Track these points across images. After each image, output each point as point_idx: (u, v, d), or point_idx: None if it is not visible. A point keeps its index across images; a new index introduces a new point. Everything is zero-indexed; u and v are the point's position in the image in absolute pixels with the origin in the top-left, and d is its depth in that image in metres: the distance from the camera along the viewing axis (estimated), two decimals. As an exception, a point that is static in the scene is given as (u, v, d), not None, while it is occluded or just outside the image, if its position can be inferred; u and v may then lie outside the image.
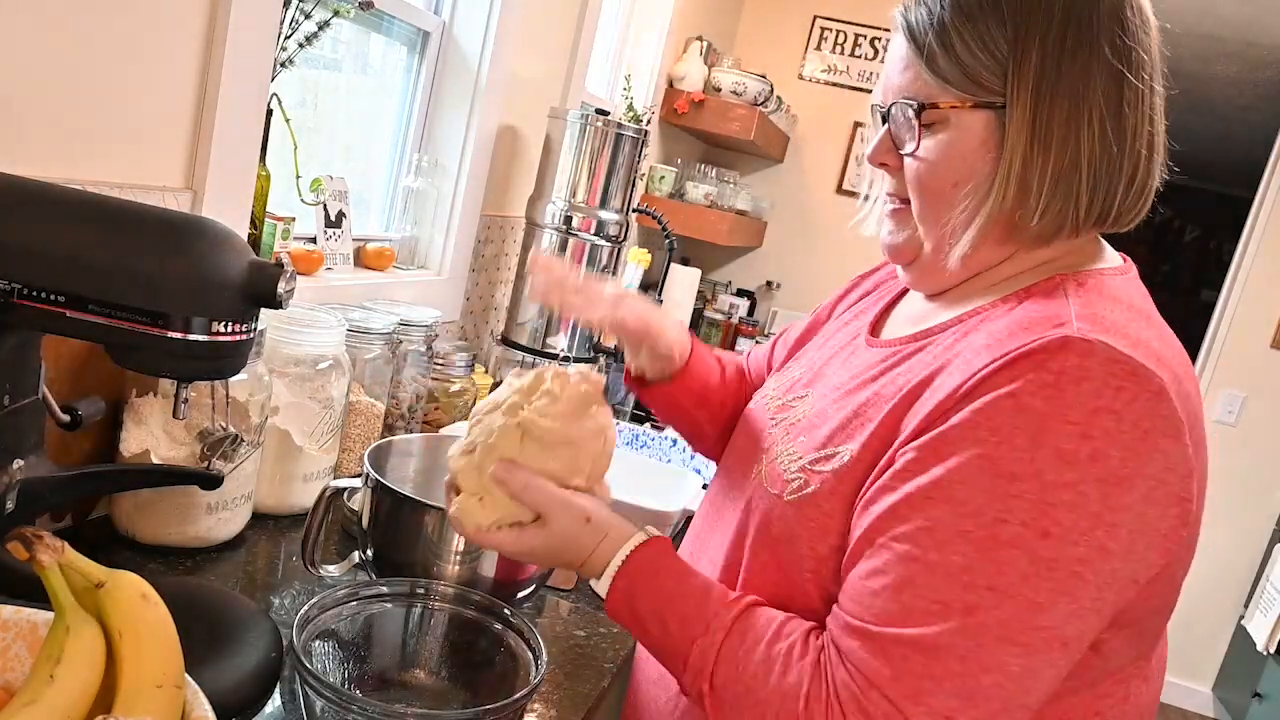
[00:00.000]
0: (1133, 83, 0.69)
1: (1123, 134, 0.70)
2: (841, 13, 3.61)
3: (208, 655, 0.76)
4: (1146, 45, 0.71)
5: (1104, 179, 0.70)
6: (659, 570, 0.74)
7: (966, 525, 0.62)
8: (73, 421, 0.88)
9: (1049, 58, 0.68)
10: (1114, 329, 0.64)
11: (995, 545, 0.61)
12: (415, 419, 1.52)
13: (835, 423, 0.76)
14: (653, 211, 2.18)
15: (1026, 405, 0.61)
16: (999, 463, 0.61)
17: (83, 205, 0.75)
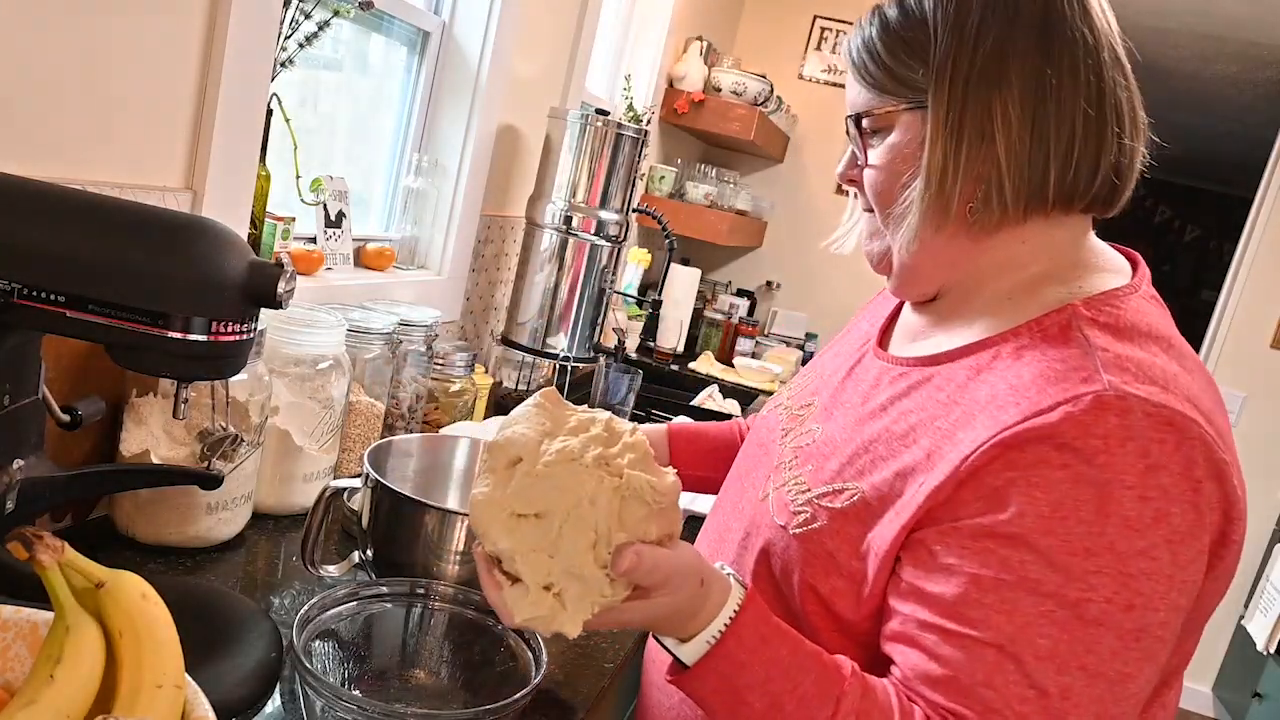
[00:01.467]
0: (1054, 74, 0.70)
1: (1045, 122, 0.70)
2: (841, 13, 3.61)
3: (208, 655, 0.76)
4: (1083, 34, 0.72)
5: (1030, 166, 0.70)
6: (771, 641, 0.67)
7: (1048, 607, 0.60)
8: (73, 421, 0.88)
9: (964, 54, 0.70)
10: (1143, 375, 0.63)
11: (1082, 625, 0.60)
12: (415, 419, 1.52)
13: (844, 456, 0.75)
14: (653, 211, 2.18)
15: (1080, 475, 0.60)
16: (1070, 540, 0.60)
17: (83, 205, 0.75)
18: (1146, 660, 0.61)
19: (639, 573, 0.65)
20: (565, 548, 0.62)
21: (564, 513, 0.62)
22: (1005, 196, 0.71)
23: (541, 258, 1.90)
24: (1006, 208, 0.71)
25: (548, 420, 0.66)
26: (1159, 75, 4.19)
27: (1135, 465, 0.60)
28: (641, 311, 2.96)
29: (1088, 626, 0.60)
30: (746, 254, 3.84)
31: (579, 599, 0.63)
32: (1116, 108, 0.72)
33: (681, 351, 2.98)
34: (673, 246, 2.20)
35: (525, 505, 0.62)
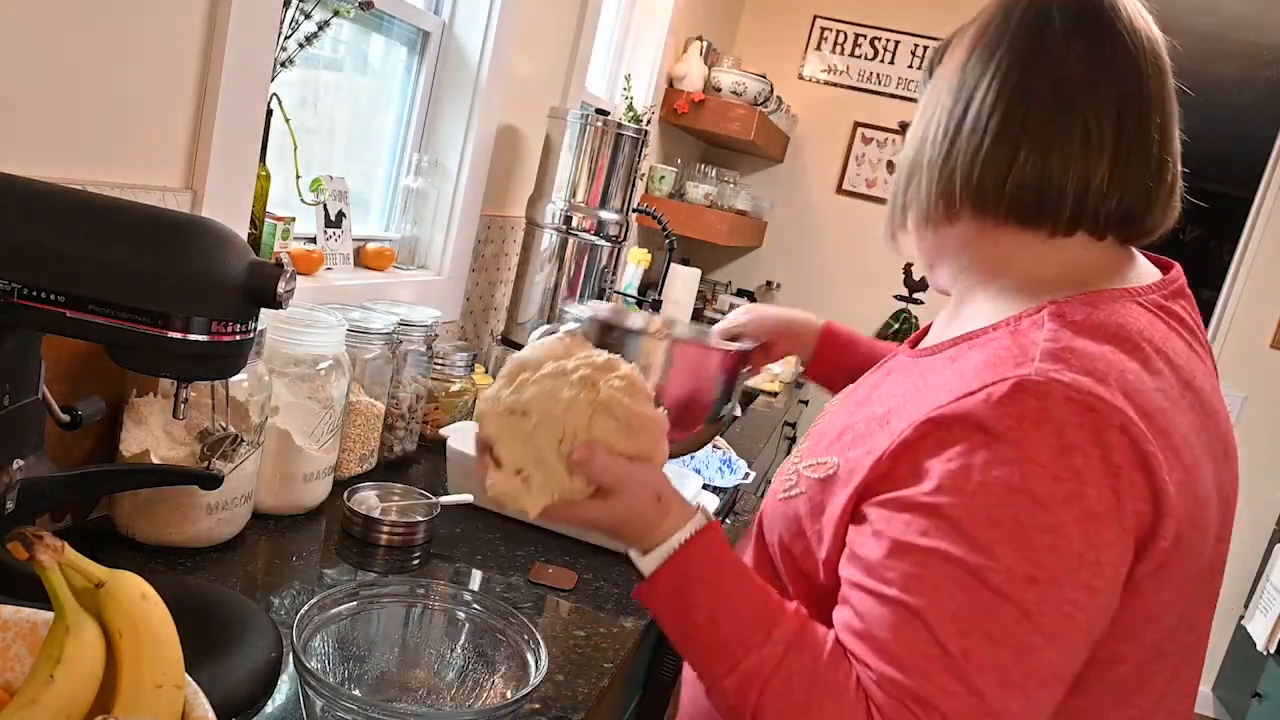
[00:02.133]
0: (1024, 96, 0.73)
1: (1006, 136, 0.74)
2: (841, 13, 3.61)
3: (208, 655, 0.76)
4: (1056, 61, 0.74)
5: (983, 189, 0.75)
6: (721, 563, 0.73)
7: (955, 572, 0.63)
8: (73, 421, 0.88)
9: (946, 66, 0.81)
10: (1079, 365, 0.65)
11: (985, 592, 0.62)
12: (415, 419, 1.52)
13: (834, 434, 0.79)
14: (653, 211, 2.18)
15: (998, 454, 0.63)
16: (978, 512, 0.63)
17: (83, 205, 0.75)
18: (1054, 636, 0.62)
19: (591, 467, 0.72)
20: (537, 440, 0.73)
21: (541, 412, 0.73)
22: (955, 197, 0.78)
23: (541, 258, 1.90)
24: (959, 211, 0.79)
25: (562, 350, 0.77)
26: (1159, 75, 4.19)
27: (1049, 445, 0.62)
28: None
29: (990, 594, 0.62)
30: (746, 254, 3.84)
31: (542, 485, 0.73)
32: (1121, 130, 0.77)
33: (681, 351, 2.98)
34: (673, 246, 2.20)
35: (514, 404, 0.74)
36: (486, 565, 1.21)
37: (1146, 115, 0.76)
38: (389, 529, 1.19)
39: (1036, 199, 0.73)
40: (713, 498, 1.45)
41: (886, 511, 0.67)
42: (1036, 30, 0.74)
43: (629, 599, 1.19)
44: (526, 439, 0.73)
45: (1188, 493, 0.66)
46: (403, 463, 1.51)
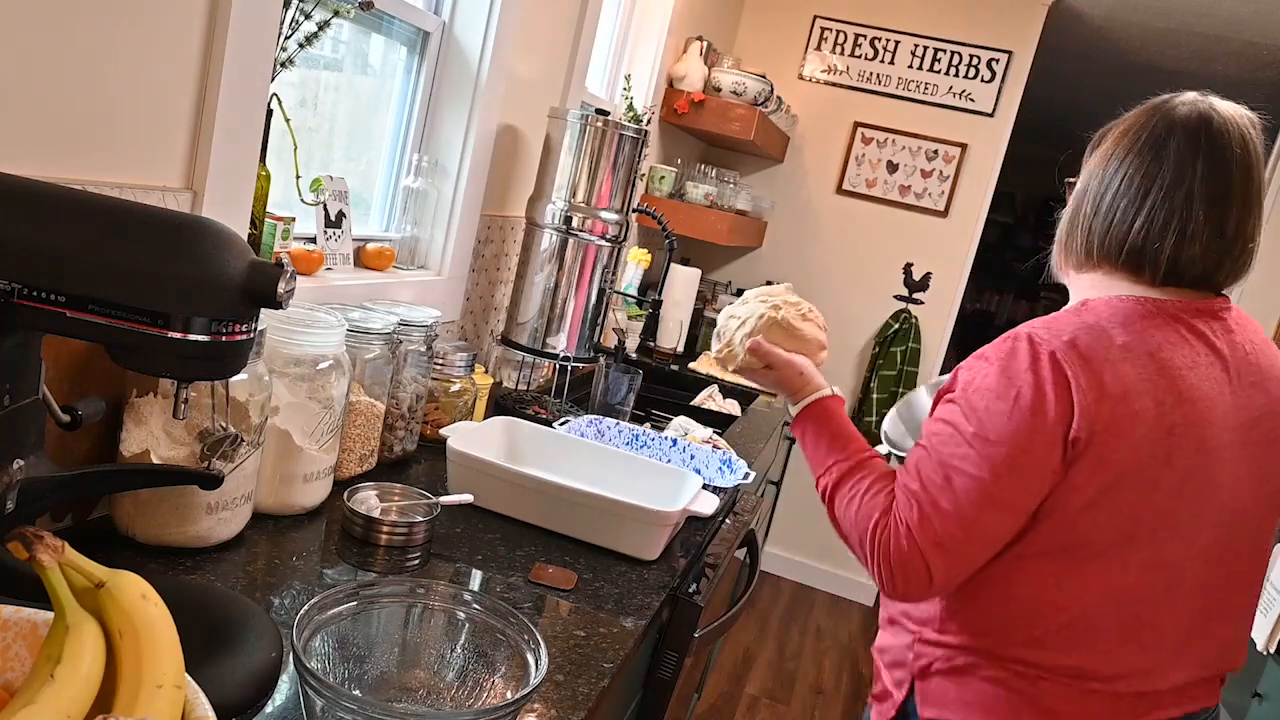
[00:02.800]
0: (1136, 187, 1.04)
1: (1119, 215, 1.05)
2: (841, 13, 3.61)
3: (208, 655, 0.76)
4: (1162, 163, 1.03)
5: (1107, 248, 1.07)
6: (831, 415, 1.20)
7: (947, 419, 1.03)
8: (73, 421, 0.88)
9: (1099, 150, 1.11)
10: (1051, 327, 1.01)
11: (955, 437, 1.01)
12: (415, 419, 1.52)
13: None
14: (653, 211, 2.18)
15: (979, 364, 1.03)
16: (958, 393, 1.04)
17: (83, 205, 0.75)
18: (983, 464, 0.97)
19: (758, 352, 1.26)
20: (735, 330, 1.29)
21: (743, 315, 1.29)
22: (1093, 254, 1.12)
23: (541, 258, 1.90)
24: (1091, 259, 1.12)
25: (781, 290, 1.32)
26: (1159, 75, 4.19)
27: (1000, 357, 1.00)
28: (641, 311, 2.96)
29: (957, 441, 1.00)
30: (746, 254, 3.84)
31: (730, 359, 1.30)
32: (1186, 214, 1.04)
33: (681, 351, 2.98)
34: (673, 246, 2.20)
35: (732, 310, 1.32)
36: (486, 565, 1.21)
37: (1227, 209, 1.01)
38: (389, 529, 1.19)
39: (1140, 262, 1.04)
40: (713, 498, 1.45)
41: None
42: (1163, 142, 1.04)
43: (629, 599, 1.19)
44: (733, 330, 1.29)
45: (1108, 412, 0.95)
46: (403, 463, 1.51)
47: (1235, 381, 1.02)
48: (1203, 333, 1.03)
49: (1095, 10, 3.50)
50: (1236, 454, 1.01)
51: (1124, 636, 1.01)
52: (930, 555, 0.98)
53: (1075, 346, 0.97)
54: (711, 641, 1.43)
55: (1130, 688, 1.02)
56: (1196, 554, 1.01)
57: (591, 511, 1.32)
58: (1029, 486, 0.97)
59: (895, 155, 3.63)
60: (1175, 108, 1.06)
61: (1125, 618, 1.00)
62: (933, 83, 3.56)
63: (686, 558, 1.39)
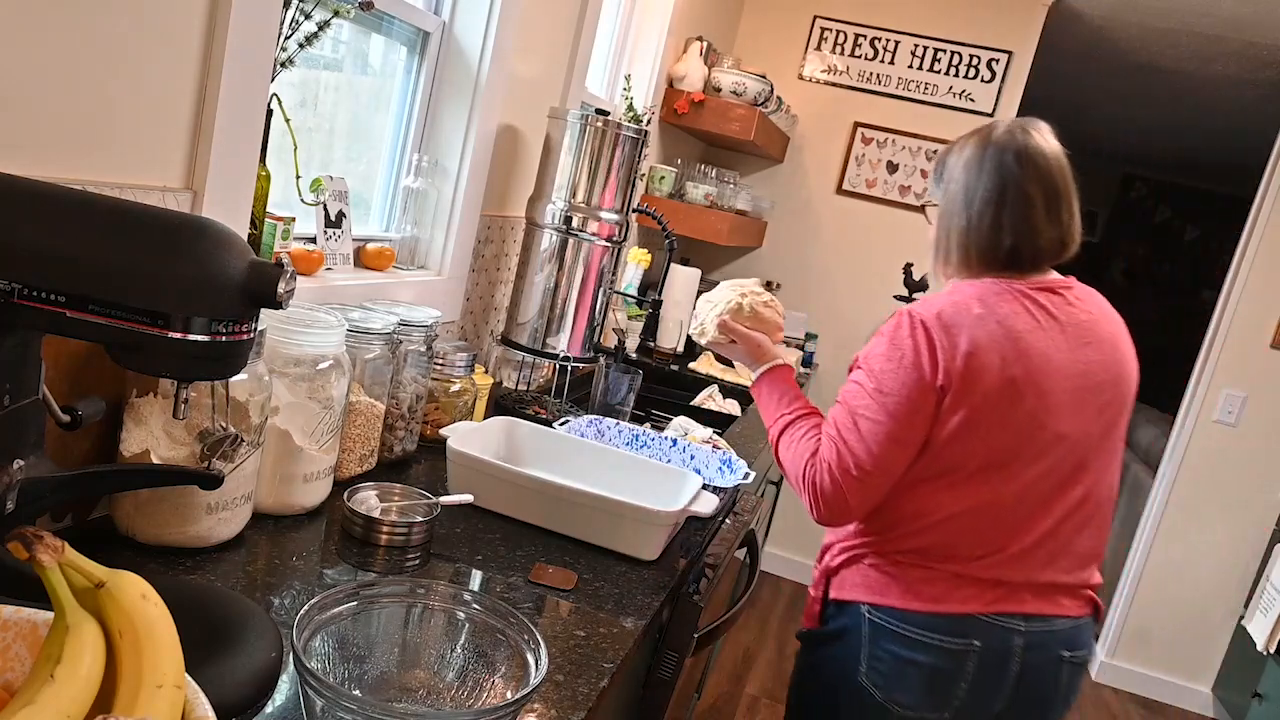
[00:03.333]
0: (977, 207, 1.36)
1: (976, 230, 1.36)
2: (841, 13, 3.61)
3: (208, 655, 0.76)
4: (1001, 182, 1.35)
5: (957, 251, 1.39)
6: (781, 379, 1.49)
7: (854, 379, 1.34)
8: (73, 421, 0.88)
9: (949, 174, 1.41)
10: (925, 304, 1.31)
11: (864, 392, 1.30)
12: (415, 419, 1.52)
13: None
14: (653, 211, 2.18)
15: (877, 335, 1.34)
16: (862, 356, 1.34)
17: (83, 205, 0.75)
18: (881, 411, 1.27)
19: (726, 328, 1.55)
20: (709, 312, 1.57)
21: (715, 299, 1.57)
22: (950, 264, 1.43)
23: (541, 258, 1.90)
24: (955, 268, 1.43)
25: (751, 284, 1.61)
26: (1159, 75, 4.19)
27: (890, 330, 1.31)
28: (641, 311, 2.96)
29: (862, 393, 1.30)
30: (746, 254, 3.84)
31: (704, 335, 1.57)
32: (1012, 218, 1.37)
33: (681, 351, 2.98)
34: (673, 246, 2.20)
35: (708, 296, 1.60)
36: (486, 565, 1.21)
37: (1056, 212, 1.34)
38: (389, 529, 1.19)
39: (1000, 259, 1.35)
40: (713, 498, 1.45)
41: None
42: (999, 163, 1.34)
43: (629, 599, 1.19)
44: (707, 310, 1.57)
45: (962, 366, 1.25)
46: (403, 463, 1.51)
47: (1071, 342, 1.31)
48: (1044, 305, 1.32)
49: (1095, 10, 3.50)
50: (1072, 398, 1.29)
51: (981, 535, 1.29)
52: (847, 486, 1.28)
53: (940, 317, 1.27)
54: (711, 641, 1.43)
55: (988, 573, 1.28)
56: (1044, 475, 1.29)
57: (591, 511, 1.32)
58: (915, 425, 1.26)
59: (895, 155, 3.63)
60: (1002, 137, 1.35)
61: (984, 522, 1.29)
62: (933, 83, 3.56)
63: (686, 558, 1.39)
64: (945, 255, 1.39)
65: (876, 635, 1.32)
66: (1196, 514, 3.55)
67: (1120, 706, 3.54)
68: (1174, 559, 3.57)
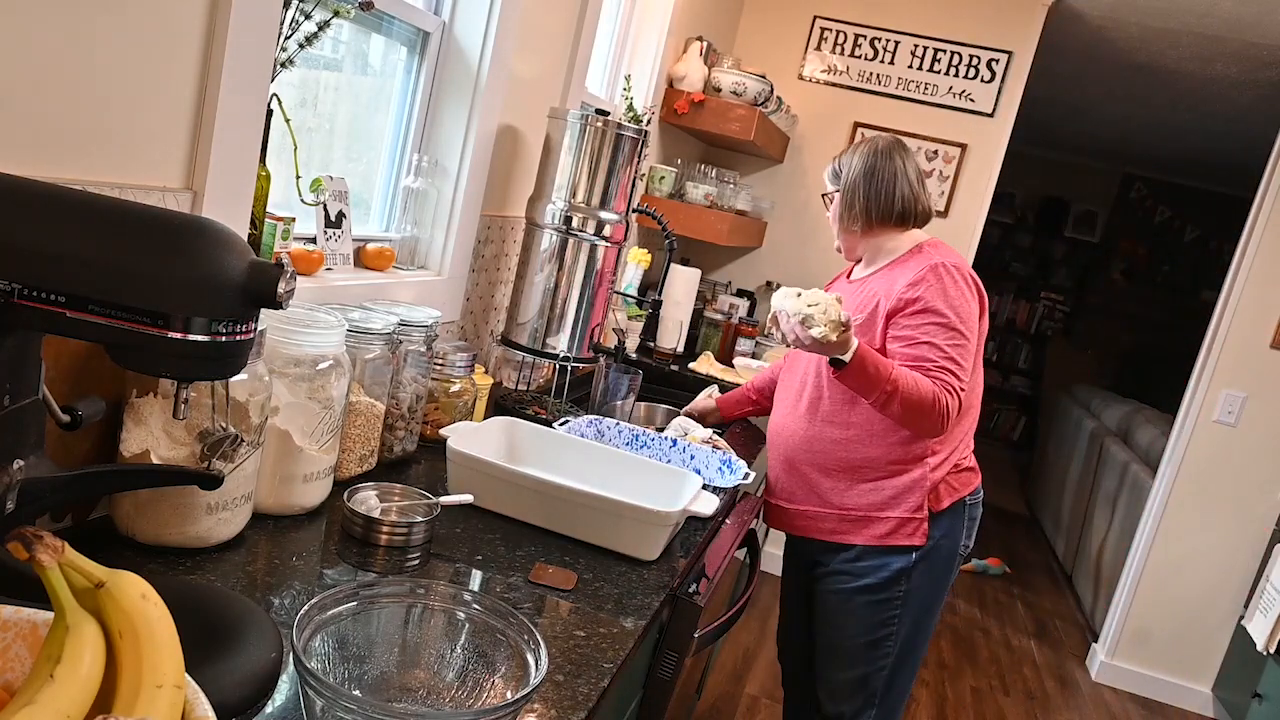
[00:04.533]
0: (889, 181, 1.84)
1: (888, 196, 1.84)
2: (841, 13, 3.61)
3: (208, 655, 0.76)
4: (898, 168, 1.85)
5: (881, 213, 1.84)
6: (870, 350, 1.67)
7: (938, 323, 1.70)
8: (73, 421, 0.88)
9: (852, 178, 1.86)
10: (950, 256, 1.77)
11: (948, 330, 1.69)
12: (415, 419, 1.52)
13: (854, 306, 1.82)
14: (653, 211, 2.18)
15: (938, 285, 1.72)
16: (939, 304, 1.70)
17: (83, 205, 0.75)
18: (964, 348, 1.70)
19: (853, 323, 1.65)
20: (819, 309, 1.59)
21: (826, 302, 1.60)
22: (869, 218, 1.86)
23: (541, 258, 1.90)
24: (869, 224, 1.86)
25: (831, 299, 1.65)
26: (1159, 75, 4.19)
27: (953, 278, 1.73)
28: (641, 311, 2.96)
29: (950, 329, 1.70)
30: (746, 254, 3.84)
31: (825, 334, 1.59)
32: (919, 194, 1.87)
33: (681, 351, 2.98)
34: (673, 246, 2.20)
35: (809, 298, 1.62)
36: (486, 565, 1.21)
37: (923, 182, 1.88)
38: (389, 529, 1.19)
39: (901, 216, 1.83)
40: (713, 498, 1.45)
41: (906, 319, 1.72)
42: (880, 159, 1.84)
43: (629, 599, 1.19)
44: (825, 313, 1.59)
45: (983, 296, 1.79)
46: (403, 463, 1.51)
47: None
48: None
49: (1095, 10, 3.50)
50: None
51: (968, 432, 1.87)
52: (957, 400, 1.68)
53: (965, 264, 1.77)
54: (711, 641, 1.43)
55: (971, 464, 1.88)
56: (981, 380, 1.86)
57: (591, 511, 1.32)
58: (976, 347, 1.75)
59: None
60: (882, 139, 1.87)
61: (972, 421, 1.87)
62: (933, 83, 3.56)
63: (686, 558, 1.39)
64: (849, 217, 1.85)
65: (972, 512, 1.86)
66: (1196, 514, 3.55)
67: (1120, 706, 3.54)
68: (1174, 559, 3.57)
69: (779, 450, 1.91)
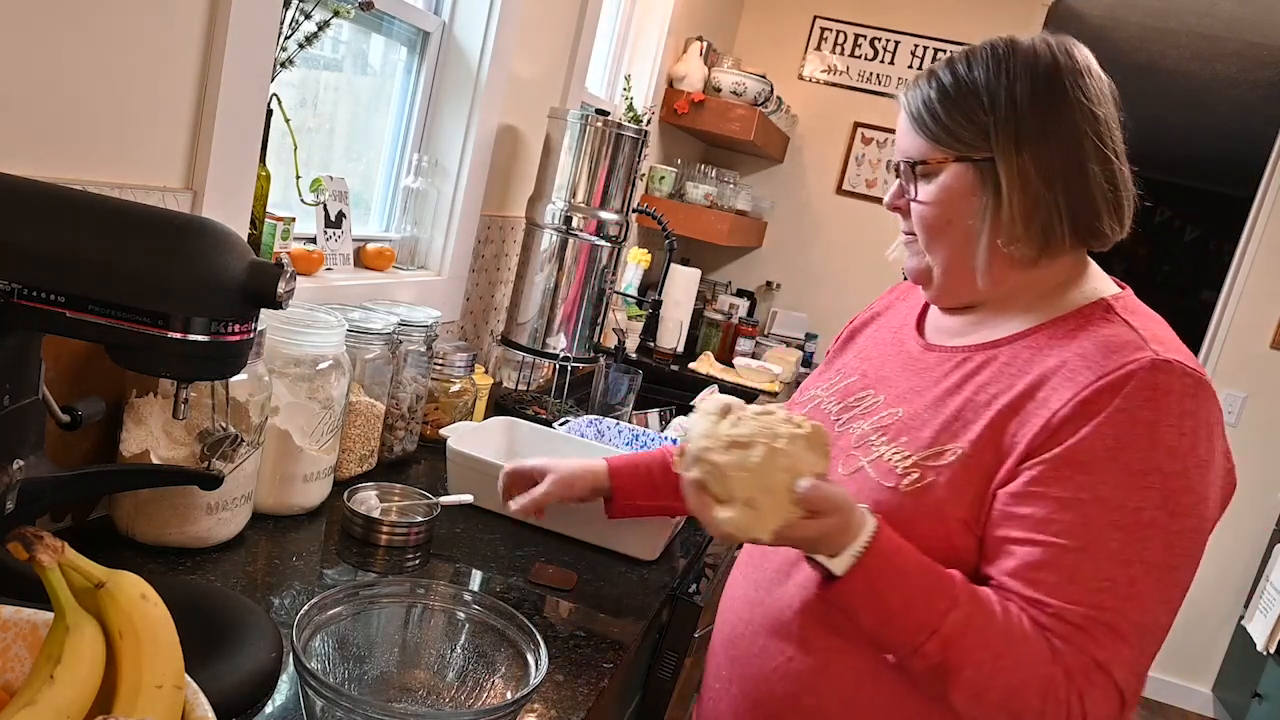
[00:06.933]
0: (1092, 137, 0.87)
1: (1086, 175, 0.87)
2: (841, 13, 3.61)
3: (208, 655, 0.76)
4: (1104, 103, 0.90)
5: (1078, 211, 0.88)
6: (901, 550, 0.84)
7: (1114, 517, 0.78)
8: (73, 421, 0.88)
9: (1022, 124, 0.87)
10: (1174, 347, 0.84)
11: (1140, 528, 0.78)
12: (415, 419, 1.52)
13: (937, 425, 0.90)
14: (653, 211, 2.18)
15: (1138, 417, 0.79)
16: (1129, 464, 0.78)
17: (83, 205, 0.75)
18: (1188, 556, 0.79)
19: (818, 501, 0.82)
20: (764, 470, 0.81)
21: (764, 444, 0.82)
22: (1047, 236, 0.88)
23: (541, 258, 1.90)
24: (1044, 244, 0.89)
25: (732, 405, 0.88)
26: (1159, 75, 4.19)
27: (1174, 409, 0.79)
28: (641, 311, 2.96)
29: (1144, 529, 0.78)
30: (746, 254, 3.84)
31: (772, 512, 0.82)
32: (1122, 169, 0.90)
33: (681, 352, 2.98)
34: (673, 246, 2.20)
35: (738, 436, 0.83)
36: (486, 565, 1.21)
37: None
38: (389, 529, 1.19)
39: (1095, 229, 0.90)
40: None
41: (1045, 473, 0.81)
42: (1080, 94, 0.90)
43: (629, 599, 1.19)
44: (754, 469, 0.81)
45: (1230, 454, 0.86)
46: (403, 463, 1.51)
47: None
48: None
49: (1095, 10, 3.50)
50: None
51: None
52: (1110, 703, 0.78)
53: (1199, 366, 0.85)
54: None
55: None
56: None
57: (591, 511, 1.31)
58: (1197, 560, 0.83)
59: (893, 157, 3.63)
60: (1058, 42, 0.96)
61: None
62: (933, 83, 3.56)
63: (686, 558, 1.39)
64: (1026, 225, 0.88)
65: None
66: (1196, 514, 3.54)
67: (1120, 706, 3.54)
68: (1174, 559, 3.57)
69: (722, 632, 1.05)
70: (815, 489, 0.82)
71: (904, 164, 0.95)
